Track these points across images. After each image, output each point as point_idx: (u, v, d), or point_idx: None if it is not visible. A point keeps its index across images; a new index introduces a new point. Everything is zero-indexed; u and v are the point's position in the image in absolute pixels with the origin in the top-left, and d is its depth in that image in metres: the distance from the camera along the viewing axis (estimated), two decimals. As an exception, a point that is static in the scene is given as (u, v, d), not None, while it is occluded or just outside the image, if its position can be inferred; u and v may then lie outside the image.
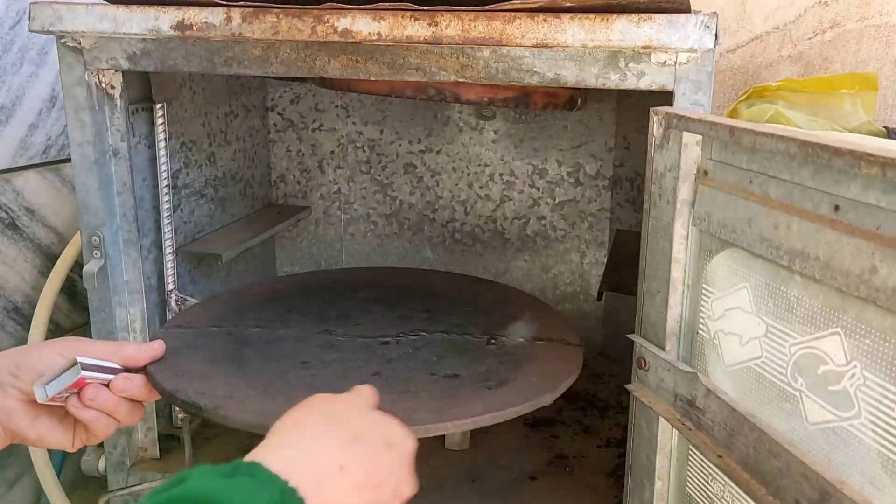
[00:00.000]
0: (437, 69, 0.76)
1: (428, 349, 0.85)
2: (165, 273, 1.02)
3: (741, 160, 0.57)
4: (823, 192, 0.48)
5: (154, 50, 0.82)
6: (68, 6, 0.81)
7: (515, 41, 0.70)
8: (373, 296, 1.01)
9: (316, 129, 1.41)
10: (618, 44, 0.69)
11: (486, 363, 0.82)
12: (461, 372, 0.79)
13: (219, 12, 0.77)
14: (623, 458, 1.04)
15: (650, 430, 0.70)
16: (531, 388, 0.76)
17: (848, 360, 0.47)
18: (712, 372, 0.63)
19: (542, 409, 0.86)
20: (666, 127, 0.65)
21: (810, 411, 0.51)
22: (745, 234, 0.56)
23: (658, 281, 0.68)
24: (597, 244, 1.36)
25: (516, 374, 0.80)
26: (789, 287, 0.52)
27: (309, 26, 0.75)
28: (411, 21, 0.73)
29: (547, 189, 1.36)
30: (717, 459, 0.57)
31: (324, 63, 0.79)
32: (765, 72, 1.46)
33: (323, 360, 0.82)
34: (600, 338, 1.40)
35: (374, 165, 1.42)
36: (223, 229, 1.22)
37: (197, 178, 1.14)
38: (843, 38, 1.39)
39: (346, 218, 1.45)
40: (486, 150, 1.37)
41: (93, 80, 0.86)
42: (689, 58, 0.69)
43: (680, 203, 0.64)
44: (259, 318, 0.93)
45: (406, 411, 0.62)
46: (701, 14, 0.67)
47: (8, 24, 1.17)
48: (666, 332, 0.67)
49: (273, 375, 0.77)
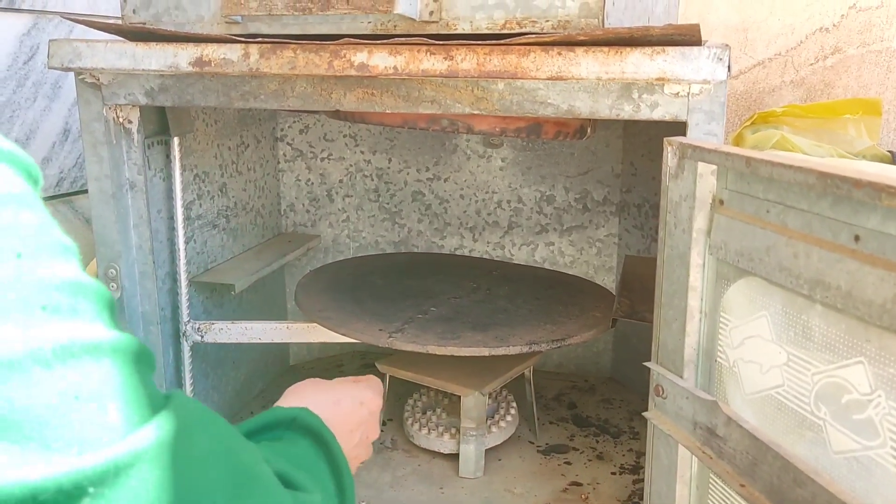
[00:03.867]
0: (452, 101, 0.77)
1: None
2: (181, 304, 1.02)
3: (757, 190, 0.58)
4: (843, 222, 0.49)
5: (172, 85, 0.84)
6: (87, 43, 0.83)
7: (530, 74, 0.72)
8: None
9: (325, 158, 1.42)
10: (631, 76, 0.70)
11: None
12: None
13: (237, 48, 0.78)
14: (638, 486, 1.03)
15: (669, 459, 0.70)
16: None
17: (872, 389, 0.48)
18: (732, 400, 0.63)
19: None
20: (681, 157, 0.66)
21: (834, 440, 0.51)
22: (764, 263, 0.57)
23: (675, 309, 0.68)
24: (605, 270, 1.36)
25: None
26: (810, 316, 0.53)
27: (326, 61, 0.76)
28: (427, 55, 0.74)
29: (555, 215, 1.37)
30: (741, 489, 0.57)
31: (340, 96, 0.80)
32: (767, 97, 1.47)
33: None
34: (610, 363, 1.40)
35: (383, 193, 1.43)
36: (235, 259, 1.23)
37: (210, 208, 1.15)
38: (845, 63, 1.41)
39: (355, 246, 1.46)
40: (494, 178, 1.38)
41: (110, 115, 0.88)
42: (702, 89, 0.70)
43: (696, 232, 0.65)
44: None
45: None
46: (714, 47, 0.68)
47: (22, 59, 1.18)
48: (684, 360, 0.68)
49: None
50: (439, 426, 1.11)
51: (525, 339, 1.00)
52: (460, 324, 1.05)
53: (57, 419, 0.28)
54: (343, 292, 1.17)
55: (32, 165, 0.33)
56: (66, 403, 0.29)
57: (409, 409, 1.16)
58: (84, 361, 0.30)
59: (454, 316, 1.08)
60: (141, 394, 0.32)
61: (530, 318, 1.08)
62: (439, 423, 1.12)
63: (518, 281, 1.26)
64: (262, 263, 1.22)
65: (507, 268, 1.35)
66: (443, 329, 1.02)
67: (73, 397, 0.29)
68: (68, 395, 0.29)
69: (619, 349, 1.38)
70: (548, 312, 1.10)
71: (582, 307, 1.14)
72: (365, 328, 1.02)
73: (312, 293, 1.16)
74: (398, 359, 1.12)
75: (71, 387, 0.29)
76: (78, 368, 0.29)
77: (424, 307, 1.11)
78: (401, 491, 1.04)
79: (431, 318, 1.07)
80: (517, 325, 1.05)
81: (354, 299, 1.14)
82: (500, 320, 1.07)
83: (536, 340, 0.99)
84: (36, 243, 0.30)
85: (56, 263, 0.31)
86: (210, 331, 1.03)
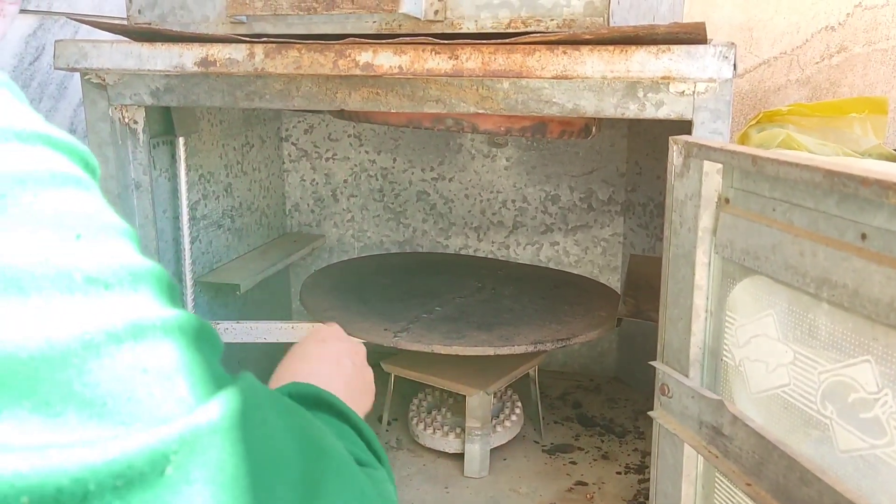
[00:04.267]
0: (457, 101, 0.77)
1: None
2: (186, 304, 1.02)
3: (763, 188, 0.58)
4: (850, 220, 0.49)
5: (177, 85, 0.84)
6: (93, 44, 0.83)
7: (535, 73, 0.72)
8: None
9: (329, 158, 1.43)
10: (637, 74, 0.70)
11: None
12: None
13: (242, 48, 0.79)
14: (643, 485, 1.03)
15: (675, 458, 0.70)
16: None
17: (879, 388, 0.47)
18: (738, 399, 0.63)
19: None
20: (686, 156, 0.66)
21: (841, 439, 0.51)
22: (770, 262, 0.57)
23: (680, 308, 0.68)
24: (610, 269, 1.36)
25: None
26: (816, 314, 0.53)
27: (331, 61, 0.76)
28: (432, 55, 0.74)
29: (560, 215, 1.36)
30: (747, 487, 0.57)
31: (345, 96, 0.80)
32: (773, 96, 1.47)
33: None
34: (614, 363, 1.40)
35: (387, 193, 1.43)
36: (240, 259, 1.23)
37: (215, 208, 1.15)
38: (851, 62, 1.41)
39: (359, 245, 1.46)
40: (499, 177, 1.38)
41: (116, 115, 0.88)
42: (707, 87, 0.70)
43: (701, 231, 0.65)
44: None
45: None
46: (719, 45, 0.68)
47: (28, 59, 1.19)
48: (689, 359, 0.68)
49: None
50: (444, 426, 1.11)
51: (530, 338, 1.00)
52: (465, 323, 1.05)
53: (131, 394, 0.29)
54: (348, 292, 1.17)
55: (90, 155, 0.34)
56: (138, 378, 0.30)
57: (414, 409, 1.16)
58: (151, 338, 0.31)
59: (459, 316, 1.08)
60: (206, 370, 0.33)
61: (535, 318, 1.08)
62: (444, 423, 1.12)
63: (523, 280, 1.26)
64: (267, 263, 1.22)
65: (511, 267, 1.34)
66: (448, 329, 1.02)
67: (141, 371, 0.30)
68: (137, 370, 0.30)
69: (625, 348, 1.38)
70: (553, 312, 1.10)
71: (587, 307, 1.14)
72: (370, 328, 1.02)
73: (317, 293, 1.16)
74: (403, 358, 1.12)
75: (140, 362, 0.30)
76: (146, 345, 0.30)
77: (429, 307, 1.11)
78: (406, 490, 1.03)
79: (436, 318, 1.07)
80: (522, 325, 1.05)
81: (359, 299, 1.14)
82: (505, 320, 1.07)
83: (541, 340, 0.99)
84: (95, 224, 0.31)
85: (115, 244, 0.32)
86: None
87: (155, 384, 0.30)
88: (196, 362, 0.32)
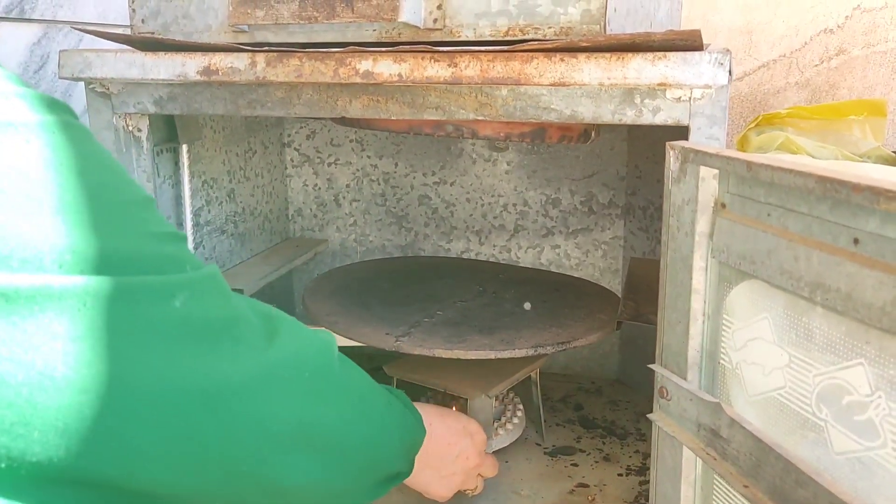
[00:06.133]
0: (456, 108, 0.78)
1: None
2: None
3: (759, 193, 0.58)
4: (843, 225, 0.49)
5: (180, 94, 0.85)
6: (97, 53, 0.84)
7: (533, 80, 0.72)
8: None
9: (331, 163, 1.44)
10: (633, 81, 0.71)
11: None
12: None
13: (244, 57, 0.79)
14: (644, 487, 1.04)
15: (674, 460, 0.71)
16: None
17: (872, 391, 0.48)
18: (735, 402, 0.64)
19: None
20: (683, 161, 0.66)
21: (836, 441, 0.52)
22: (765, 266, 0.58)
23: (678, 311, 0.69)
24: (611, 272, 1.37)
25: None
26: (811, 318, 0.54)
27: (331, 69, 0.77)
28: (431, 62, 0.75)
29: (560, 218, 1.37)
30: (744, 489, 0.58)
31: (345, 103, 0.81)
32: (772, 99, 1.48)
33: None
34: (617, 365, 1.41)
35: (389, 198, 1.44)
36: (243, 264, 1.24)
37: (218, 214, 1.16)
38: (850, 64, 1.41)
39: (362, 250, 1.47)
40: (500, 181, 1.39)
41: (120, 123, 0.89)
42: (703, 93, 0.71)
43: (698, 235, 0.66)
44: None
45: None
46: (715, 52, 0.69)
47: (32, 68, 1.20)
48: (687, 362, 0.68)
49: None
50: (447, 429, 1.11)
51: (531, 341, 1.00)
52: (467, 327, 1.06)
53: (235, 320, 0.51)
54: (350, 297, 1.18)
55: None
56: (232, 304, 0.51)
57: (417, 412, 1.17)
58: (212, 276, 0.49)
59: (461, 319, 1.09)
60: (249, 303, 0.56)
61: (536, 321, 1.09)
62: (447, 426, 1.12)
63: (524, 284, 1.27)
64: (270, 268, 1.23)
65: (513, 271, 1.35)
66: (449, 332, 1.03)
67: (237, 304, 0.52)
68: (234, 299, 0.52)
69: (626, 351, 1.39)
70: (554, 315, 1.11)
71: (588, 309, 1.14)
72: (372, 332, 1.03)
73: (319, 298, 1.17)
74: (405, 362, 1.13)
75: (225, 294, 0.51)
76: (213, 277, 0.49)
77: (431, 311, 1.12)
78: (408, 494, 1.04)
79: (438, 322, 1.08)
80: (523, 328, 1.05)
81: (361, 303, 1.15)
82: (506, 323, 1.08)
83: (542, 343, 1.00)
84: (140, 196, 0.48)
85: (150, 211, 0.48)
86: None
87: (237, 314, 0.52)
88: (239, 296, 0.55)
